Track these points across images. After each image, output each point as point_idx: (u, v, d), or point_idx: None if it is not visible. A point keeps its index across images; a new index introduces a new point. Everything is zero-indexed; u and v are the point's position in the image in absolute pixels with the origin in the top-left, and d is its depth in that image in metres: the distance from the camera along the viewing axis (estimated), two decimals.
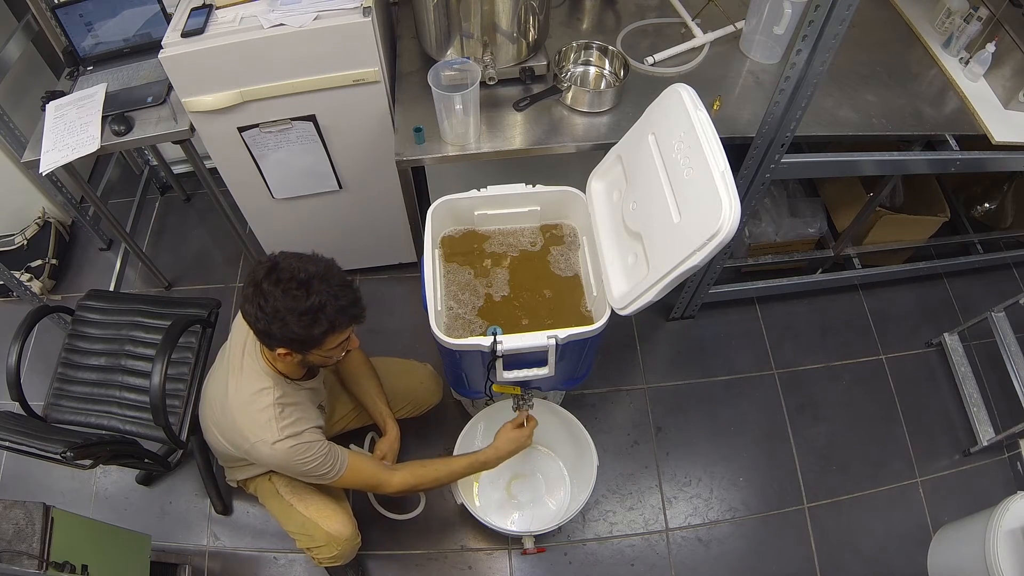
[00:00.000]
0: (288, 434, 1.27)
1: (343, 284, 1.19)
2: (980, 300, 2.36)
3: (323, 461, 1.32)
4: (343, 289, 1.18)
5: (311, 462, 1.30)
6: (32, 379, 1.88)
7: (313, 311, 1.13)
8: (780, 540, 1.92)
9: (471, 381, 1.62)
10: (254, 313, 1.15)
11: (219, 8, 1.55)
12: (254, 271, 1.16)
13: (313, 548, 1.53)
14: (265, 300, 1.13)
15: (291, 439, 1.27)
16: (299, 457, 1.28)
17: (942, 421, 2.15)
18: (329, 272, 1.18)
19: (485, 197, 1.58)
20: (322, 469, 1.32)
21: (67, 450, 1.34)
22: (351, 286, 1.21)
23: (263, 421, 1.27)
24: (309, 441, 1.30)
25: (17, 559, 1.26)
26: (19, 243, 2.45)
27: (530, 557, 1.87)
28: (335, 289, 1.16)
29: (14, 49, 2.02)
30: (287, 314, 1.13)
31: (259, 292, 1.13)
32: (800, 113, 1.46)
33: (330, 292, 1.15)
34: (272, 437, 1.26)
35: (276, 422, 1.26)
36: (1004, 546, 1.57)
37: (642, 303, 1.28)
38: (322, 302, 1.13)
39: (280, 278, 1.13)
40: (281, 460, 1.29)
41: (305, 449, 1.29)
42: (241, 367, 1.33)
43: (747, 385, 2.20)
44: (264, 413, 1.27)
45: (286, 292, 1.12)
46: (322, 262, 1.19)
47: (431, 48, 1.72)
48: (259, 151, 1.78)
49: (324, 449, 1.32)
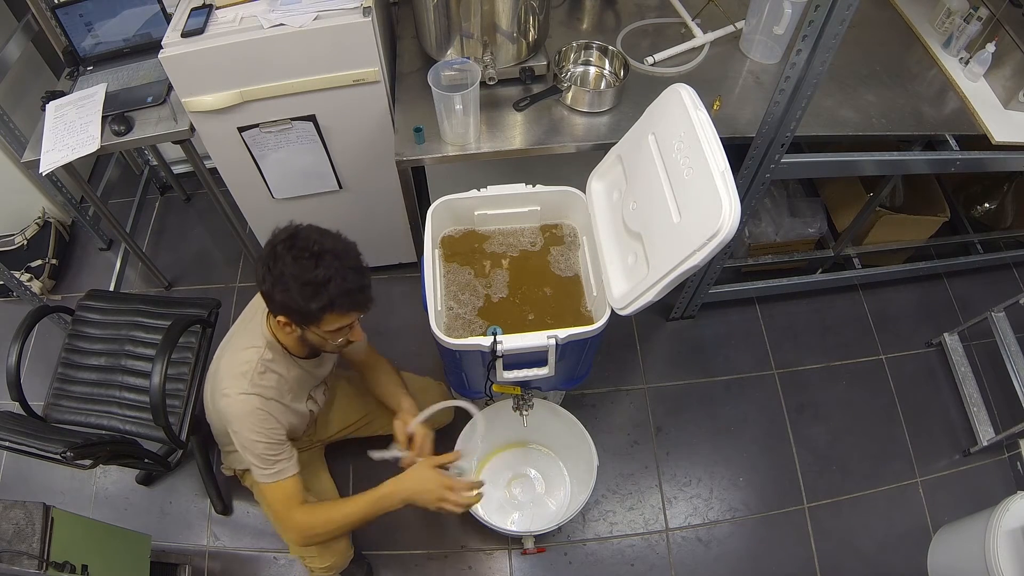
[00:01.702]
0: (255, 392, 1.23)
1: (355, 268, 1.17)
2: (980, 300, 2.36)
3: (268, 446, 1.25)
4: (353, 272, 1.16)
5: (257, 435, 1.24)
6: (32, 379, 1.88)
7: (316, 284, 1.12)
8: (780, 540, 1.92)
9: (471, 381, 1.62)
10: (262, 273, 1.15)
11: (219, 8, 1.55)
12: (275, 234, 1.16)
13: (305, 557, 1.52)
14: (274, 262, 1.13)
15: (256, 398, 1.23)
16: (251, 421, 1.23)
17: (942, 421, 2.15)
18: (346, 252, 1.17)
19: (485, 197, 1.58)
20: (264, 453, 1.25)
21: (67, 450, 1.34)
22: (363, 271, 1.19)
23: (239, 372, 1.24)
24: (270, 413, 1.26)
25: (17, 559, 1.26)
26: (19, 243, 2.45)
27: (530, 557, 1.87)
28: (345, 269, 1.14)
29: (14, 49, 2.02)
30: (291, 280, 1.12)
31: (272, 254, 1.13)
32: (800, 113, 1.46)
33: (339, 270, 1.13)
34: (240, 388, 1.23)
35: (250, 377, 1.24)
36: (1004, 546, 1.57)
37: (642, 303, 1.28)
38: (328, 276, 1.12)
39: (295, 245, 1.13)
40: (236, 412, 1.23)
41: (261, 418, 1.24)
42: (245, 328, 1.34)
43: (747, 385, 2.20)
44: (243, 366, 1.25)
45: (296, 259, 1.12)
46: (341, 241, 1.19)
47: (431, 48, 1.72)
48: (259, 151, 1.78)
49: (277, 437, 1.27)
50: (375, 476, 1.99)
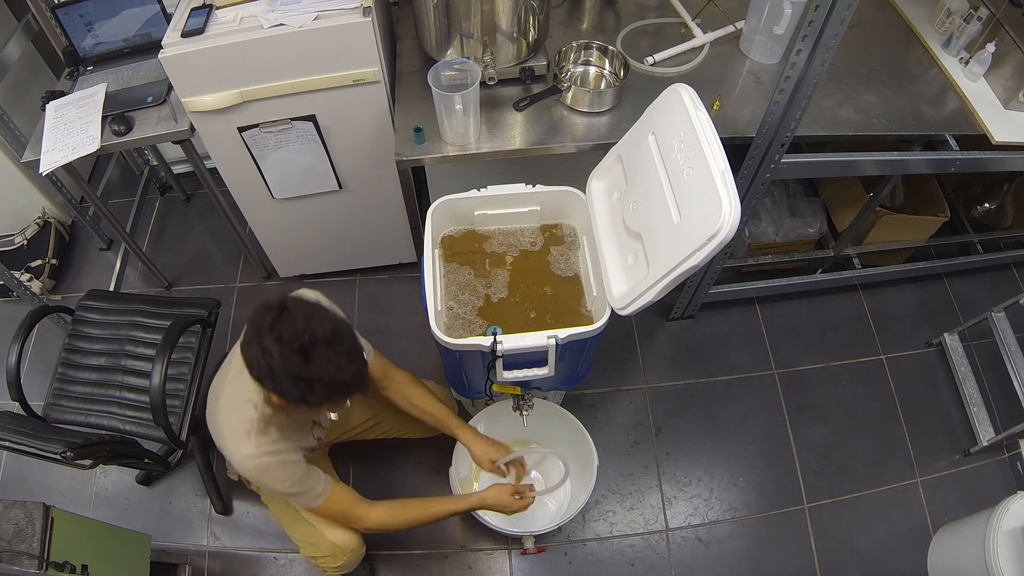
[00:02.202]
0: (265, 451, 1.21)
1: (349, 354, 1.09)
2: (980, 300, 2.36)
3: (300, 483, 1.27)
4: (347, 360, 1.08)
5: (286, 482, 1.25)
6: (32, 379, 1.87)
7: (309, 381, 1.05)
8: (780, 540, 1.92)
9: (471, 381, 1.62)
10: (251, 361, 1.07)
11: (219, 8, 1.55)
12: (259, 316, 1.06)
13: (318, 557, 1.51)
14: (263, 354, 1.04)
15: (267, 456, 1.22)
16: (274, 476, 1.24)
17: (942, 421, 2.15)
18: (336, 337, 1.07)
19: (485, 197, 1.58)
20: (297, 488, 1.27)
21: (67, 450, 1.34)
22: (356, 356, 1.11)
23: (241, 433, 1.21)
24: (287, 461, 1.25)
25: (17, 559, 1.26)
26: (19, 243, 2.45)
27: (530, 557, 1.87)
28: (338, 360, 1.06)
29: (14, 49, 2.02)
30: (282, 376, 1.05)
31: (259, 344, 1.04)
32: (800, 113, 1.46)
33: (332, 364, 1.05)
34: (247, 451, 1.21)
35: (255, 437, 1.21)
36: (1004, 546, 1.57)
37: (642, 303, 1.28)
38: (319, 373, 1.04)
39: (283, 336, 1.03)
40: (254, 474, 1.25)
41: (281, 469, 1.24)
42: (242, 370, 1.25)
43: (747, 385, 2.20)
44: (244, 425, 1.21)
45: (285, 354, 1.03)
46: (331, 323, 1.08)
47: (431, 48, 1.72)
48: (259, 151, 1.78)
49: (301, 472, 1.27)
50: (375, 475, 2.00)
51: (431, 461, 2.02)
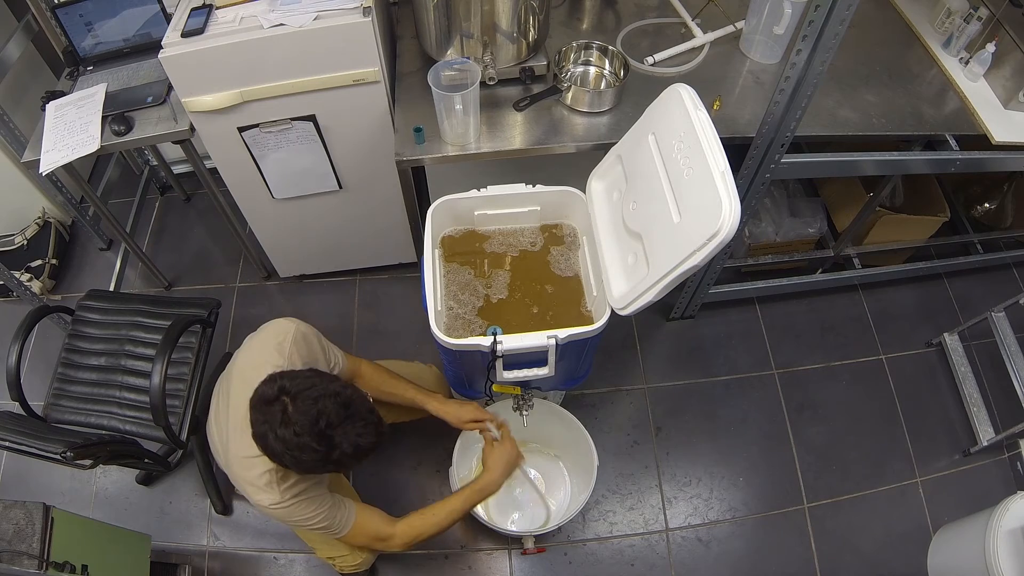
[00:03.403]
0: (290, 496, 1.22)
1: (366, 420, 1.10)
2: (980, 300, 2.36)
3: (327, 516, 1.28)
4: (366, 427, 1.09)
5: (314, 518, 1.26)
6: (32, 379, 1.88)
7: (336, 460, 1.08)
8: (780, 540, 1.92)
9: (471, 381, 1.62)
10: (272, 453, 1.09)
11: (219, 8, 1.55)
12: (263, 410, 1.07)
13: (336, 557, 1.51)
14: (284, 447, 1.05)
15: (293, 499, 1.22)
16: (301, 515, 1.24)
17: (942, 421, 2.15)
18: (349, 411, 1.08)
19: (485, 197, 1.58)
20: (326, 523, 1.28)
21: (67, 450, 1.34)
22: (372, 419, 1.11)
23: (262, 484, 1.21)
24: (311, 498, 1.25)
25: (17, 559, 1.26)
26: (19, 243, 2.45)
27: (530, 557, 1.87)
28: (356, 431, 1.08)
29: (14, 49, 2.02)
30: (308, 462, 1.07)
31: (277, 436, 1.05)
32: (800, 113, 1.46)
33: (353, 437, 1.07)
34: (272, 500, 1.21)
35: (277, 485, 1.21)
36: (1004, 546, 1.57)
37: (642, 303, 1.28)
38: (344, 450, 1.07)
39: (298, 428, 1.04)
40: (283, 518, 1.25)
41: (307, 507, 1.24)
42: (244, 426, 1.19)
43: (747, 385, 2.20)
44: (263, 477, 1.21)
45: (305, 444, 1.04)
46: (339, 397, 1.08)
47: (431, 48, 1.72)
48: (259, 151, 1.78)
49: (327, 505, 1.28)
50: (375, 476, 2.00)
51: (431, 461, 2.02)
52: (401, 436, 1.98)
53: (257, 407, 1.10)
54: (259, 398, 1.10)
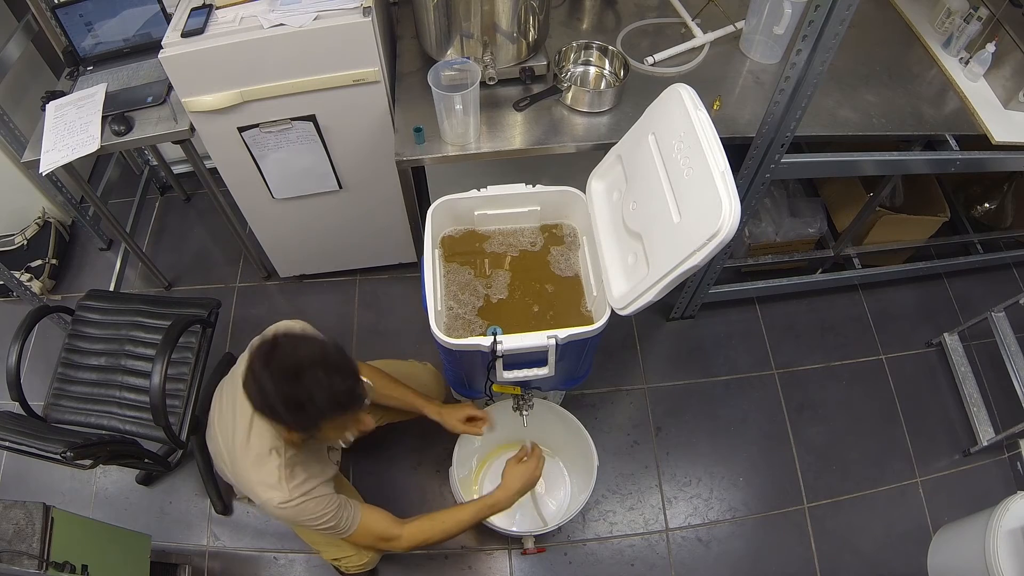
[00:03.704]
0: (299, 494, 1.23)
1: (339, 369, 1.11)
2: (980, 300, 2.36)
3: (334, 515, 1.28)
4: (338, 375, 1.11)
5: (322, 518, 1.26)
6: (32, 379, 1.88)
7: (301, 401, 1.08)
8: (780, 540, 1.92)
9: (471, 381, 1.62)
10: (251, 396, 1.11)
11: (219, 8, 1.55)
12: (253, 356, 1.11)
13: (341, 559, 1.51)
14: (259, 389, 1.09)
15: (301, 497, 1.24)
16: (310, 514, 1.25)
17: (942, 421, 2.15)
18: (324, 355, 1.11)
19: (485, 197, 1.58)
20: (333, 522, 1.28)
21: (67, 450, 1.34)
22: (346, 371, 1.13)
23: (272, 482, 1.23)
24: (319, 496, 1.26)
25: (17, 559, 1.26)
26: (19, 243, 2.45)
27: (530, 557, 1.87)
28: (328, 376, 1.09)
29: (14, 49, 2.02)
30: (277, 403, 1.08)
31: (255, 380, 1.09)
32: (800, 113, 1.46)
33: (321, 379, 1.08)
34: (281, 498, 1.22)
35: (286, 483, 1.22)
36: (1004, 546, 1.57)
37: (642, 303, 1.28)
38: (310, 391, 1.07)
39: (272, 365, 1.08)
40: (291, 518, 1.26)
41: (315, 506, 1.25)
42: (250, 424, 1.26)
43: (747, 385, 2.20)
44: (272, 475, 1.23)
45: (276, 380, 1.07)
46: (318, 344, 1.12)
47: (431, 48, 1.72)
48: (259, 151, 1.78)
49: (335, 504, 1.29)
50: (375, 476, 2.00)
51: (431, 461, 2.02)
52: (401, 436, 1.98)
53: (249, 356, 1.13)
54: (253, 347, 1.13)
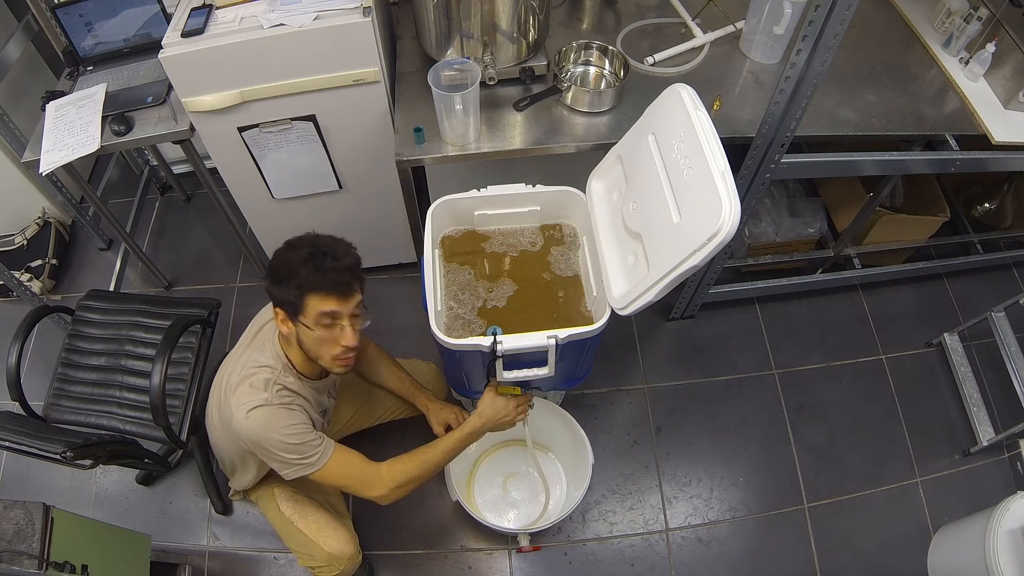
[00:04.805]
0: (276, 401, 1.25)
1: (333, 254, 1.22)
2: (980, 300, 2.36)
3: (305, 433, 1.26)
4: (330, 257, 1.21)
5: (292, 430, 1.24)
6: (32, 379, 1.88)
7: (291, 265, 1.20)
8: (780, 540, 1.92)
9: (471, 381, 1.62)
10: (273, 267, 1.24)
11: (219, 8, 1.55)
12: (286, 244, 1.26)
13: (315, 568, 1.51)
14: (281, 258, 1.23)
15: (278, 404, 1.25)
16: (280, 423, 1.24)
17: (942, 421, 2.15)
18: (331, 244, 1.25)
19: (485, 197, 1.58)
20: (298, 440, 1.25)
21: (67, 450, 1.34)
22: (340, 256, 1.23)
23: (259, 385, 1.26)
24: (294, 409, 1.27)
25: (17, 559, 1.26)
26: (19, 243, 2.45)
27: (530, 557, 1.87)
28: (320, 254, 1.20)
29: (14, 49, 2.02)
30: (274, 267, 1.23)
31: (281, 254, 1.24)
32: (800, 113, 1.46)
33: (313, 254, 1.20)
34: (261, 399, 1.23)
35: (270, 388, 1.26)
36: (1004, 546, 1.57)
37: (642, 303, 1.28)
38: (301, 258, 1.19)
39: (290, 245, 1.24)
40: (258, 426, 1.23)
41: (287, 415, 1.25)
42: (251, 341, 1.38)
43: (747, 385, 2.20)
44: (260, 383, 1.26)
45: (296, 247, 1.22)
46: (333, 239, 1.27)
47: (431, 48, 1.72)
48: (259, 151, 1.78)
49: (307, 425, 1.28)
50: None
51: None
52: (401, 436, 1.98)
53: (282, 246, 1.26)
54: None
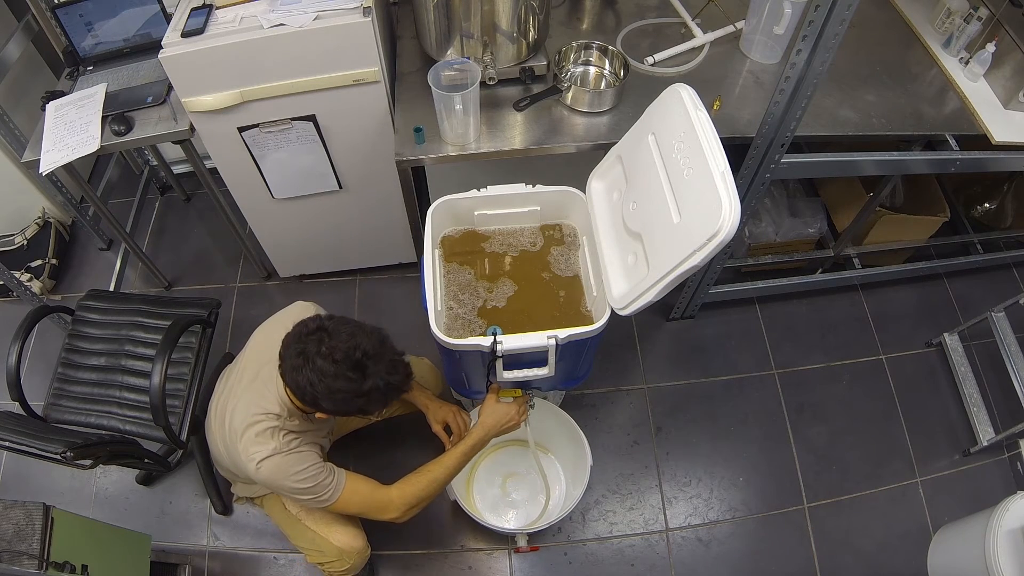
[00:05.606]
0: (285, 449, 1.25)
1: (395, 360, 1.19)
2: (980, 300, 2.36)
3: (316, 475, 1.28)
4: (395, 365, 1.18)
5: (304, 474, 1.26)
6: (32, 379, 1.88)
7: (368, 393, 1.14)
8: (780, 540, 1.92)
9: (471, 381, 1.62)
10: (305, 387, 1.13)
11: (219, 8, 1.55)
12: (301, 341, 1.14)
13: (325, 563, 1.51)
14: (319, 377, 1.12)
15: (287, 451, 1.25)
16: (293, 469, 1.25)
17: (942, 421, 2.15)
18: (383, 348, 1.18)
19: (485, 197, 1.58)
20: (313, 483, 1.28)
21: (67, 450, 1.34)
22: (402, 360, 1.21)
23: (265, 435, 1.25)
24: (304, 453, 1.27)
25: (17, 559, 1.26)
26: (19, 243, 2.45)
27: (530, 557, 1.87)
28: (388, 368, 1.16)
29: (14, 49, 2.02)
30: (342, 395, 1.13)
31: (312, 367, 1.12)
32: (800, 113, 1.46)
33: (384, 373, 1.15)
34: (270, 448, 1.24)
35: (277, 436, 1.25)
36: (1004, 546, 1.57)
37: (642, 303, 1.28)
38: (376, 385, 1.14)
39: (334, 356, 1.11)
40: (270, 475, 1.25)
41: (297, 460, 1.26)
42: (254, 381, 1.31)
43: (747, 385, 2.20)
44: (266, 429, 1.25)
45: (340, 374, 1.12)
46: (375, 335, 1.18)
47: (431, 48, 1.72)
48: (259, 151, 1.78)
49: (318, 466, 1.29)
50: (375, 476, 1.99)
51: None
52: (400, 435, 1.98)
53: (293, 341, 1.16)
54: (296, 332, 1.17)
